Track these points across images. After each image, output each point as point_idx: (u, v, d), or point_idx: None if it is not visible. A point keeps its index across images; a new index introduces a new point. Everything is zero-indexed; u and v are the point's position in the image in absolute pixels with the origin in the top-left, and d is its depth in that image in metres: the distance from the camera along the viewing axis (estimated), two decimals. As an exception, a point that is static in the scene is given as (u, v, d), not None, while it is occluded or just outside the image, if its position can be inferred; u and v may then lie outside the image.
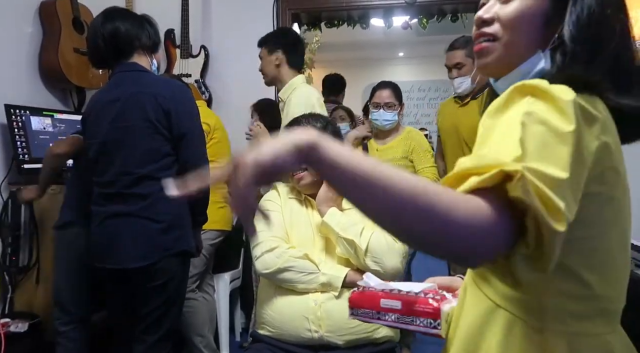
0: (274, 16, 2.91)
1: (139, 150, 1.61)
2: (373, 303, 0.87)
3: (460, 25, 3.04)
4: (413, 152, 2.39)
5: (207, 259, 2.31)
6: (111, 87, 1.70)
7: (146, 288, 1.64)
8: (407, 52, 6.09)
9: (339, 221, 1.43)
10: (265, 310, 1.48)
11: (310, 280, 1.41)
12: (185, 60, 2.90)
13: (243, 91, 2.87)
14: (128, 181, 1.60)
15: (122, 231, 1.61)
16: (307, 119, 1.63)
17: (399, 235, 0.61)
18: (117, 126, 1.62)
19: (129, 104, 1.61)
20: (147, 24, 1.76)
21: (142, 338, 1.67)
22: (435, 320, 0.78)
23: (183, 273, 1.73)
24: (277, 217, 1.54)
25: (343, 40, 3.83)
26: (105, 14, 1.72)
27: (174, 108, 1.62)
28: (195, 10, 2.93)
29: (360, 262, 1.41)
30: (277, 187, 1.64)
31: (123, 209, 1.61)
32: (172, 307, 1.71)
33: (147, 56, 1.74)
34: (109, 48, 1.66)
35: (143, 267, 1.60)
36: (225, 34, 2.94)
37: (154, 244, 1.61)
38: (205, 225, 2.26)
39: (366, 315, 0.89)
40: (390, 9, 2.96)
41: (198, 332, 2.25)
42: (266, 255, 1.44)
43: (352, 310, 0.91)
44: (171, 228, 1.64)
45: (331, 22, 3.15)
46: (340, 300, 1.40)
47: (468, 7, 2.95)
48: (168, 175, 1.63)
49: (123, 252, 1.60)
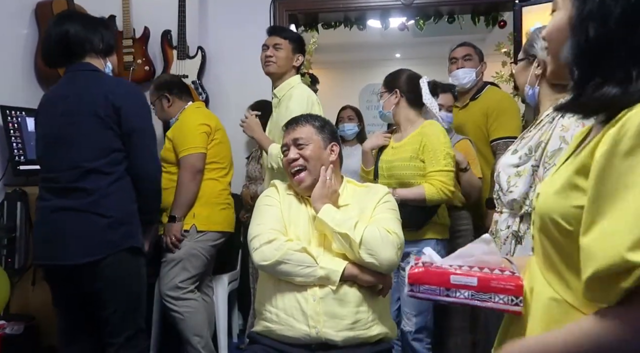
0: (271, 17, 2.91)
1: (88, 145, 1.62)
2: (441, 280, 0.82)
3: (457, 26, 3.05)
4: (424, 150, 1.93)
5: (207, 260, 2.30)
6: (63, 84, 1.72)
7: (97, 288, 1.62)
8: (404, 54, 6.09)
9: (333, 217, 1.44)
10: (264, 305, 1.48)
11: (308, 273, 1.40)
12: (182, 61, 2.90)
13: (240, 92, 2.87)
14: (74, 175, 1.60)
15: (67, 226, 1.59)
16: (306, 118, 1.63)
17: None
18: (65, 121, 1.63)
19: (79, 100, 1.63)
20: (103, 27, 1.78)
21: (110, 342, 1.66)
22: (517, 296, 0.78)
23: (136, 271, 1.70)
24: (276, 211, 1.55)
25: (340, 41, 3.83)
26: (58, 16, 1.77)
27: (124, 104, 1.64)
28: (192, 11, 2.93)
29: (355, 255, 1.41)
30: (275, 184, 1.65)
31: (68, 203, 1.60)
32: (134, 307, 1.69)
33: (100, 59, 1.75)
34: (59, 50, 1.69)
35: (89, 263, 1.58)
36: (222, 35, 2.94)
37: (100, 240, 1.59)
38: (206, 226, 2.26)
39: (431, 292, 0.83)
40: (387, 10, 2.97)
41: (196, 332, 2.24)
42: (264, 247, 1.44)
43: (411, 286, 0.85)
44: (119, 224, 1.62)
45: (328, 24, 3.16)
46: (339, 295, 1.41)
47: (464, 8, 2.96)
48: (118, 171, 1.64)
49: (68, 248, 1.58)
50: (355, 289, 1.43)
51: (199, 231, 2.24)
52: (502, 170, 1.50)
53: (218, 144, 2.34)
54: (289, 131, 1.61)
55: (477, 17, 3.00)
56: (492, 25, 3.00)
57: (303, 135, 1.57)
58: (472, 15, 3.00)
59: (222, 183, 2.37)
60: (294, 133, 1.58)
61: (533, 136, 1.44)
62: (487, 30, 3.13)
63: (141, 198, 1.70)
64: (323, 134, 1.59)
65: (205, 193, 2.28)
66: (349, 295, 1.41)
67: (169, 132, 2.34)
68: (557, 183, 0.73)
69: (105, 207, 1.60)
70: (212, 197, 2.30)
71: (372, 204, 1.53)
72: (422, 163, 1.94)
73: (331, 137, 1.62)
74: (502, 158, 1.56)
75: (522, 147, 1.46)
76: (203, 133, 2.26)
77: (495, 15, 2.97)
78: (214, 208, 2.29)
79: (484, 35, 3.90)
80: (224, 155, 2.40)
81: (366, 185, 1.67)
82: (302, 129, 1.58)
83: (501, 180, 1.50)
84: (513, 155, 1.48)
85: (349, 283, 1.42)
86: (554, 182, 0.75)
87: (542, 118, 1.45)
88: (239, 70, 2.91)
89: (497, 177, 1.53)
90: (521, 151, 1.46)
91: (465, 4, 2.89)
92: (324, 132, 1.60)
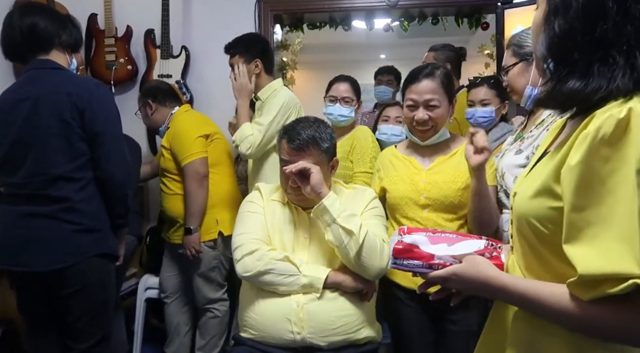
0: (256, 17, 2.89)
1: (53, 150, 1.57)
2: (423, 255, 0.87)
3: (440, 27, 3.07)
4: (353, 151, 2.11)
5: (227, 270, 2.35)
6: (21, 85, 1.65)
7: (64, 294, 1.59)
8: (389, 54, 6.13)
9: (338, 208, 1.39)
10: (248, 312, 1.47)
11: (291, 282, 1.40)
12: (166, 60, 2.86)
13: (224, 92, 2.84)
14: (42, 182, 1.56)
15: (35, 233, 1.56)
16: (314, 140, 1.47)
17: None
18: (28, 125, 1.57)
19: (42, 103, 1.57)
20: (71, 24, 1.73)
21: (73, 347, 1.63)
22: None
23: (106, 277, 1.68)
24: (259, 218, 1.53)
25: (325, 42, 3.83)
26: (24, 7, 1.68)
27: (88, 107, 1.59)
28: (176, 10, 2.90)
29: (349, 254, 1.38)
30: (259, 188, 1.63)
31: (37, 210, 1.56)
32: (100, 313, 1.66)
33: (65, 54, 1.70)
34: (26, 42, 1.62)
35: (57, 270, 1.55)
36: (206, 35, 2.92)
37: (69, 247, 1.57)
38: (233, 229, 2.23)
39: (412, 267, 0.88)
40: (372, 11, 2.98)
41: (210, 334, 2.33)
42: (246, 258, 1.43)
43: (395, 259, 0.90)
44: (89, 231, 1.60)
45: (313, 24, 3.15)
46: (323, 301, 1.40)
47: (448, 10, 2.99)
48: (86, 176, 1.61)
49: (37, 255, 1.55)
50: (339, 294, 1.42)
51: (227, 236, 2.22)
52: (507, 171, 1.49)
53: (218, 143, 2.33)
54: (292, 151, 1.45)
55: (461, 19, 3.03)
56: (475, 27, 3.03)
57: (310, 161, 1.44)
58: (456, 17, 3.03)
59: (232, 183, 2.38)
60: (300, 159, 1.44)
61: (538, 136, 1.43)
62: (471, 32, 3.16)
63: (109, 203, 1.66)
64: (327, 154, 1.50)
65: (221, 197, 2.27)
66: (333, 301, 1.41)
67: (164, 141, 2.30)
68: (533, 186, 0.74)
69: (74, 214, 1.57)
70: (229, 199, 2.30)
71: (360, 208, 1.52)
72: (351, 163, 2.10)
73: (334, 152, 1.54)
74: (505, 158, 1.53)
75: (527, 147, 1.45)
76: (200, 137, 2.23)
77: (478, 18, 3.01)
78: (233, 209, 2.22)
79: (467, 37, 3.94)
80: (227, 153, 2.39)
81: (353, 187, 1.66)
82: (309, 157, 1.44)
83: (507, 181, 1.48)
84: (518, 155, 1.47)
85: (332, 289, 1.42)
86: (530, 183, 0.76)
87: (545, 117, 1.44)
88: (223, 70, 2.85)
89: (502, 178, 1.51)
90: (526, 151, 1.44)
91: (449, 6, 2.92)
92: (328, 152, 1.50)
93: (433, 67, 1.58)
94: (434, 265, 0.86)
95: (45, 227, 1.56)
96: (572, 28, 0.68)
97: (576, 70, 0.69)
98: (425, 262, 0.86)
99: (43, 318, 1.68)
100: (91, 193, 1.62)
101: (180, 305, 2.45)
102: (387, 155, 1.72)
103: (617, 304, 0.63)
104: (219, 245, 2.27)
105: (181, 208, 2.23)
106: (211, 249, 2.25)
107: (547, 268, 0.73)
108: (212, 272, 2.28)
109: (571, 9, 0.68)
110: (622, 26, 0.66)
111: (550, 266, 0.72)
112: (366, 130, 2.23)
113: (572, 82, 0.69)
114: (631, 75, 0.65)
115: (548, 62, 0.74)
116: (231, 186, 2.36)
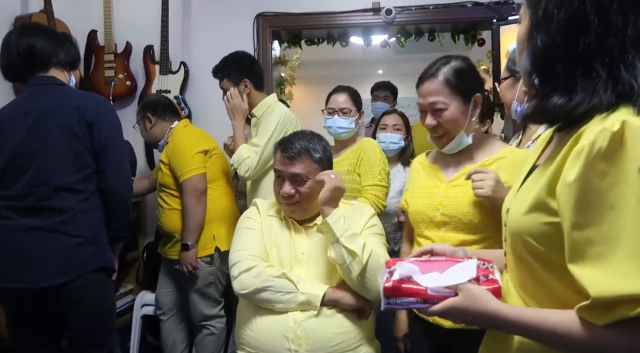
0: (254, 33, 2.92)
1: (58, 161, 1.58)
2: (414, 292, 0.82)
3: (437, 44, 3.11)
4: (360, 164, 2.05)
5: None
6: (23, 99, 1.66)
7: (63, 310, 1.57)
8: (386, 70, 6.18)
9: (342, 227, 1.37)
10: (245, 330, 1.45)
11: (288, 299, 1.38)
12: (165, 76, 2.88)
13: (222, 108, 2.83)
14: (44, 193, 1.56)
15: (35, 247, 1.54)
16: (306, 149, 1.48)
17: None
18: (33, 137, 1.58)
19: (49, 116, 1.59)
20: (68, 42, 1.76)
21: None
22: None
23: (105, 291, 1.67)
24: (256, 235, 1.52)
25: (323, 57, 3.86)
26: (21, 29, 1.72)
27: (96, 120, 1.61)
28: (175, 26, 2.93)
29: (351, 274, 1.36)
30: (256, 203, 1.62)
31: (36, 223, 1.55)
32: (102, 327, 1.65)
33: (64, 72, 1.72)
34: (24, 63, 1.65)
35: (57, 285, 1.54)
36: (205, 51, 2.94)
37: (70, 261, 1.56)
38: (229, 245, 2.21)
39: (408, 304, 0.83)
40: (369, 27, 3.01)
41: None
42: (243, 275, 1.42)
43: (387, 299, 0.84)
44: (89, 244, 1.59)
45: (311, 40, 3.18)
46: (320, 318, 1.38)
47: (444, 27, 3.03)
48: (89, 189, 1.61)
49: (36, 271, 1.54)
50: (337, 311, 1.40)
51: (224, 252, 2.21)
52: None
53: (217, 159, 2.32)
54: (285, 160, 1.47)
55: (457, 36, 3.07)
56: (471, 43, 3.07)
57: (302, 171, 1.46)
58: (452, 33, 3.06)
59: (229, 199, 2.37)
60: (291, 167, 1.46)
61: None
62: (467, 48, 3.20)
63: (111, 215, 1.66)
64: (321, 165, 1.49)
65: (219, 213, 2.26)
66: (331, 318, 1.39)
67: (163, 156, 2.30)
68: (525, 202, 0.72)
69: (75, 227, 1.56)
70: (226, 215, 2.29)
71: (359, 226, 1.50)
72: (358, 177, 2.04)
73: (328, 165, 1.53)
74: None
75: None
76: (199, 153, 2.22)
77: (474, 34, 3.04)
78: (231, 225, 2.24)
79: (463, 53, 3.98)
80: (225, 169, 2.38)
81: (351, 203, 1.64)
82: (301, 165, 1.46)
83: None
84: None
85: (330, 306, 1.40)
86: (522, 199, 0.74)
87: (541, 132, 1.45)
88: (222, 86, 2.90)
89: None
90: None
91: (445, 23, 2.96)
92: (322, 163, 1.50)
93: (440, 64, 1.37)
94: (429, 300, 0.81)
95: (46, 241, 1.54)
96: (555, 42, 0.68)
97: (559, 86, 0.68)
98: (420, 298, 0.81)
99: (35, 339, 1.65)
100: (94, 205, 1.62)
101: (176, 322, 2.42)
102: (415, 164, 1.54)
103: (631, 326, 0.60)
104: (216, 261, 2.25)
105: (179, 223, 2.22)
106: (208, 265, 2.23)
107: (542, 286, 0.72)
108: (208, 288, 2.25)
109: (553, 23, 0.67)
110: (605, 38, 0.65)
111: (546, 284, 0.71)
112: (373, 141, 2.18)
113: (556, 98, 0.68)
114: (614, 88, 0.65)
115: (533, 78, 0.73)
116: (229, 202, 2.35)
